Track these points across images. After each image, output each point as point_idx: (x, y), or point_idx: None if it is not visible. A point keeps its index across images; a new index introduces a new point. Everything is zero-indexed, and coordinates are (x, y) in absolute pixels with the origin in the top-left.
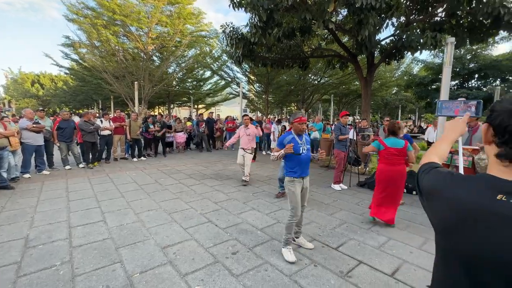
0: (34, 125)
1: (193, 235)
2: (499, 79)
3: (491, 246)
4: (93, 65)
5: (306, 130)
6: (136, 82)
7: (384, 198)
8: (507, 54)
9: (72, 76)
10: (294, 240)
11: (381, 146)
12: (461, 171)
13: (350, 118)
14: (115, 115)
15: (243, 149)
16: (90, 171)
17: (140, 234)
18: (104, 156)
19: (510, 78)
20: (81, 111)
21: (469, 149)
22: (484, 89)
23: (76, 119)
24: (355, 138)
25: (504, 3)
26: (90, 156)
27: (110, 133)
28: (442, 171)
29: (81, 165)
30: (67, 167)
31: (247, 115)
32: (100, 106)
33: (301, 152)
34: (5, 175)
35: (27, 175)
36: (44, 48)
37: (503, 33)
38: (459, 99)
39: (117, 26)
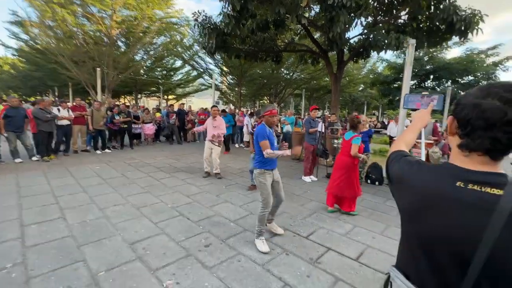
0: None
1: (164, 229)
2: (450, 81)
3: (450, 229)
4: (47, 48)
5: (279, 124)
6: (98, 69)
7: (338, 185)
8: (457, 58)
9: (21, 58)
10: (266, 225)
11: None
12: (423, 159)
13: (319, 112)
14: (74, 103)
15: (210, 141)
16: (45, 164)
17: (105, 230)
18: (62, 148)
19: (459, 80)
20: (33, 99)
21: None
22: (438, 89)
23: (27, 107)
24: (323, 131)
25: (457, 10)
26: (46, 148)
27: (69, 123)
28: (410, 160)
29: (34, 158)
30: (18, 160)
31: (216, 106)
32: (56, 93)
33: (274, 143)
34: None
35: None
36: None
37: (455, 39)
38: (422, 93)
39: (76, 6)
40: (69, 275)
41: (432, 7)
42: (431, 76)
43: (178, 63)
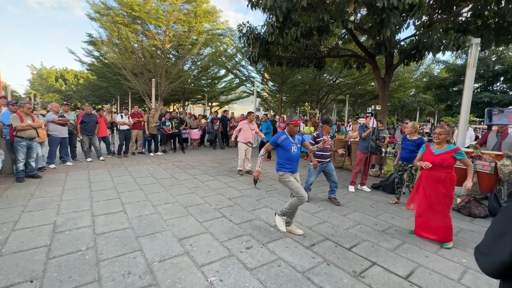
0: (60, 118)
1: (208, 228)
2: None
3: None
4: (113, 62)
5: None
6: (153, 79)
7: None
8: None
9: (92, 72)
10: (286, 229)
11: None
12: None
13: (370, 108)
14: (133, 110)
15: (245, 143)
16: (109, 163)
17: (158, 225)
18: (122, 150)
19: None
20: (99, 106)
21: (492, 155)
22: (511, 92)
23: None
24: (376, 126)
25: None
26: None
27: (128, 128)
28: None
29: (101, 158)
30: (89, 159)
31: (253, 112)
32: (118, 101)
33: (292, 150)
34: (33, 164)
35: (52, 166)
36: (68, 44)
37: None
38: (510, 107)
39: (137, 25)
40: (129, 262)
41: (503, 2)
42: (501, 78)
43: (222, 72)
